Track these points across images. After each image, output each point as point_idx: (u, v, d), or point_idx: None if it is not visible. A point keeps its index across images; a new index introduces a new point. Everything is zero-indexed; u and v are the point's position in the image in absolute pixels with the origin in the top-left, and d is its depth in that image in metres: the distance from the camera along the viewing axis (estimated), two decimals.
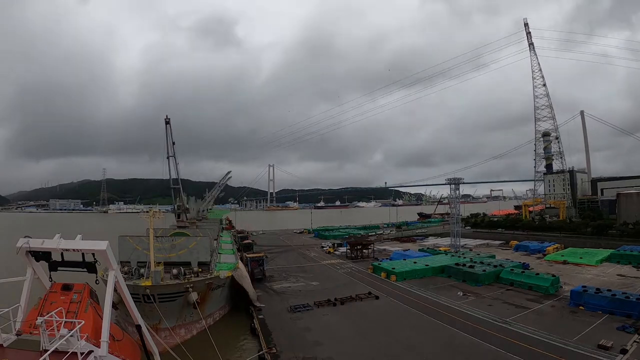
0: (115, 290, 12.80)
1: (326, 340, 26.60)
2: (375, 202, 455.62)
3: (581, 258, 54.14)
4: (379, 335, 27.56)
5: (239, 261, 43.13)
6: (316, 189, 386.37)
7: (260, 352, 25.07)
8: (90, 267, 13.12)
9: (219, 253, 46.33)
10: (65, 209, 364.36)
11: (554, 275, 40.78)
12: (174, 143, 53.34)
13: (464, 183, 69.16)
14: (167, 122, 52.36)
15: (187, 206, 61.46)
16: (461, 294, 38.36)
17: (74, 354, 9.45)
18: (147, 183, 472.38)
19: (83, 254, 12.69)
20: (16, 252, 12.24)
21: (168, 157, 52.86)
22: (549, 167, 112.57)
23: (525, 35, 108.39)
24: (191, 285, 28.24)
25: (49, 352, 9.03)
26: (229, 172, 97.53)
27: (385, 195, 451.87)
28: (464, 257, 54.10)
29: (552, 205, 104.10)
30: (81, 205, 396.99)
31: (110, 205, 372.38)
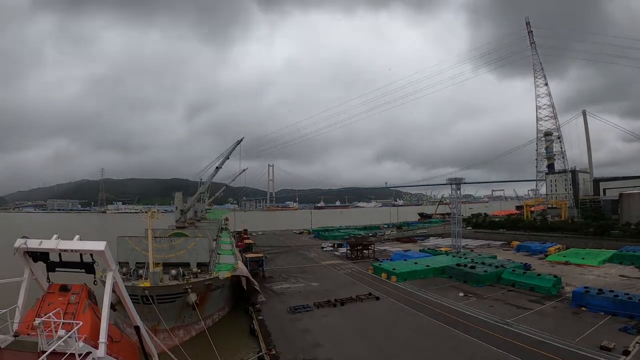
0: (113, 291, 12.72)
1: (326, 342, 26.45)
2: (376, 202, 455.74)
3: (583, 259, 53.88)
4: (379, 336, 27.41)
5: (239, 261, 43.00)
6: (316, 189, 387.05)
7: (260, 354, 24.94)
8: (89, 268, 13.03)
9: (218, 254, 46.19)
10: (63, 209, 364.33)
11: (555, 276, 40.56)
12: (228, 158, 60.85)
13: (464, 183, 68.91)
14: (239, 142, 61.11)
15: (189, 207, 61.79)
16: (462, 295, 38.18)
17: (72, 355, 9.34)
18: (145, 183, 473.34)
19: (81, 254, 12.61)
20: (13, 252, 12.15)
21: (218, 168, 59.87)
22: (550, 166, 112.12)
23: (527, 33, 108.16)
24: (190, 286, 28.10)
25: (46, 354, 8.92)
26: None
27: (386, 195, 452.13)
28: (465, 258, 53.87)
29: (553, 206, 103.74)
30: (79, 206, 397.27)
31: (109, 205, 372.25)
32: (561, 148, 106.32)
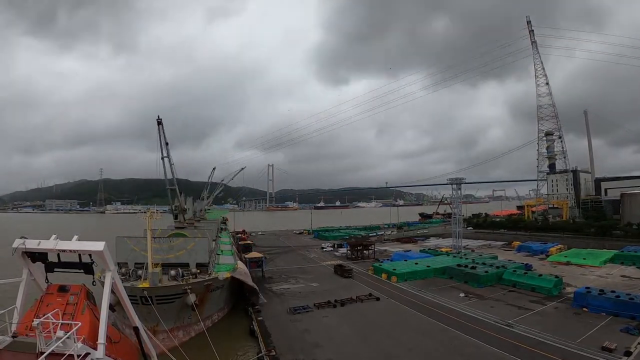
0: (112, 291, 12.65)
1: (326, 342, 26.34)
2: (376, 202, 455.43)
3: (584, 259, 53.72)
4: (379, 337, 27.28)
5: (239, 262, 42.89)
6: (316, 189, 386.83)
7: (260, 355, 24.79)
8: (87, 269, 12.96)
9: (217, 254, 46.04)
10: (61, 210, 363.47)
11: (557, 277, 40.40)
12: (167, 144, 51.18)
13: (465, 183, 68.73)
14: (159, 123, 50.24)
15: (185, 207, 61.29)
16: (463, 296, 38.06)
17: (71, 356, 9.29)
18: (144, 183, 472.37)
19: (80, 255, 12.54)
20: (12, 253, 12.08)
21: (162, 158, 50.66)
22: (552, 166, 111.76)
23: (528, 33, 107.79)
24: (189, 286, 27.91)
25: (45, 355, 8.86)
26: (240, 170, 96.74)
27: (387, 195, 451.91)
28: (466, 258, 53.72)
29: (555, 206, 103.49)
30: (78, 206, 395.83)
31: (108, 205, 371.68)
32: (562, 148, 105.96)
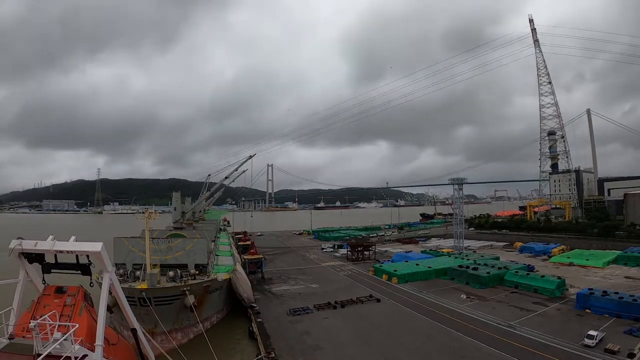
0: (110, 293, 12.55)
1: (326, 344, 26.15)
2: (377, 202, 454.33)
3: (587, 260, 53.47)
4: (380, 339, 27.08)
5: (237, 263, 42.65)
6: (316, 189, 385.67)
7: (259, 357, 24.62)
8: (85, 270, 12.87)
9: (216, 255, 45.87)
10: (59, 210, 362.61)
11: (559, 278, 40.17)
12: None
13: (467, 183, 68.57)
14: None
15: (186, 210, 61.83)
16: (464, 297, 37.81)
17: (68, 358, 9.22)
18: (142, 183, 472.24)
19: (77, 255, 12.44)
20: (8, 253, 12.00)
21: (226, 177, 66.18)
22: (554, 166, 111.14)
23: (531, 31, 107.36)
24: (188, 288, 27.74)
25: (42, 356, 8.79)
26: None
27: (387, 195, 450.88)
28: (468, 259, 53.48)
29: (557, 206, 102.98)
30: (75, 206, 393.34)
31: (105, 205, 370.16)
32: (565, 147, 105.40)
